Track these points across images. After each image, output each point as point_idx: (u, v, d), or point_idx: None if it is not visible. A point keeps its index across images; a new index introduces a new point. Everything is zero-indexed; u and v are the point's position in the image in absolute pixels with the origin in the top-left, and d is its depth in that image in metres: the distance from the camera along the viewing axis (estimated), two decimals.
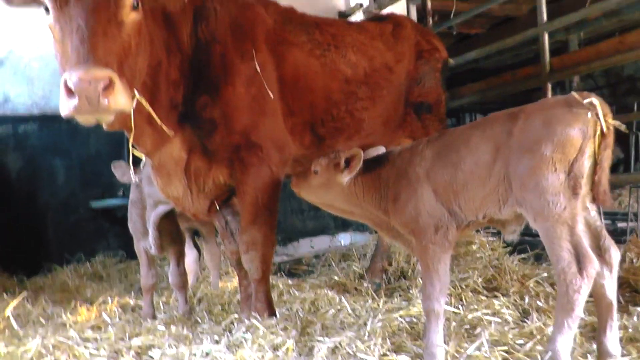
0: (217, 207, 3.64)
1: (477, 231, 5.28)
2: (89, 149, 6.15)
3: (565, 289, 2.34)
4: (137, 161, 3.55)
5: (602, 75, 12.14)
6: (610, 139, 2.39)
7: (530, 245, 4.66)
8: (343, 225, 7.24)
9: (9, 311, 3.72)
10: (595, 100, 2.38)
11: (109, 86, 2.33)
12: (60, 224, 5.97)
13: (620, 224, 5.65)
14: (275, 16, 3.74)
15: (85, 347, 3.23)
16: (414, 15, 6.72)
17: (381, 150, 3.31)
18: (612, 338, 2.51)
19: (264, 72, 3.45)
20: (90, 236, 6.11)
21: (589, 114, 2.35)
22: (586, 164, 2.36)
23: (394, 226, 3.02)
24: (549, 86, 4.73)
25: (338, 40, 3.97)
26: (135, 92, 2.66)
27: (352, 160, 3.00)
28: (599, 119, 2.35)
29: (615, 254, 2.51)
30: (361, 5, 7.08)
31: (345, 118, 3.94)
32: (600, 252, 2.50)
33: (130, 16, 2.65)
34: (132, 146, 3.13)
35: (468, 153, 2.66)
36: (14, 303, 3.85)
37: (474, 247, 4.86)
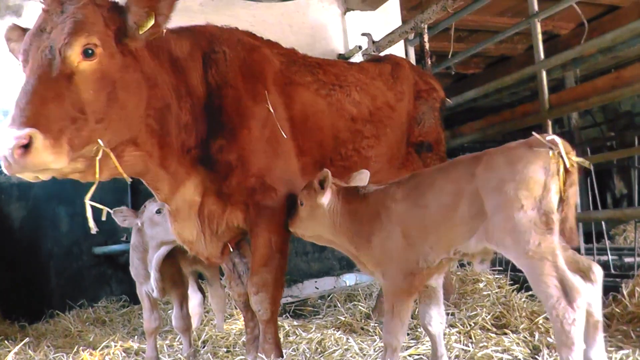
0: (231, 250, 3.62)
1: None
2: (93, 197, 6.10)
3: (560, 325, 2.33)
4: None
5: (600, 111, 12.29)
6: (575, 177, 2.44)
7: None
8: (348, 266, 7.19)
9: (9, 358, 3.68)
10: (557, 138, 2.46)
11: (28, 145, 2.35)
12: (63, 271, 5.92)
13: (627, 259, 5.61)
14: (280, 57, 3.80)
15: None
16: (412, 57, 6.86)
17: (364, 174, 3.39)
18: (599, 354, 2.52)
19: (276, 113, 3.47)
20: (93, 282, 6.05)
21: (550, 153, 2.40)
22: (554, 200, 2.40)
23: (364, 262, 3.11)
24: (549, 123, 4.77)
25: (341, 80, 4.03)
26: (100, 141, 2.62)
27: (324, 180, 3.10)
28: (561, 157, 2.40)
29: (597, 269, 2.55)
30: (360, 47, 7.22)
31: (353, 156, 3.96)
32: (585, 274, 2.52)
33: (83, 66, 2.62)
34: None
35: (433, 195, 2.76)
36: (15, 349, 3.81)
37: (481, 285, 4.82)
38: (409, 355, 3.35)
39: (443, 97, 4.88)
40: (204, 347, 4.26)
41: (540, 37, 4.82)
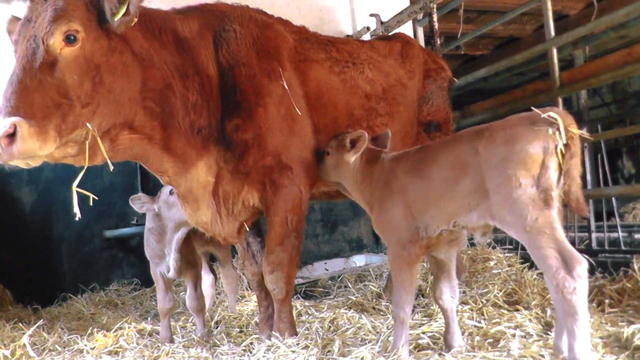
0: (247, 229, 3.62)
1: (494, 247, 5.26)
2: (103, 180, 6.18)
3: (561, 295, 2.37)
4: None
5: (609, 91, 12.21)
6: (576, 149, 2.46)
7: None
8: (357, 247, 7.22)
9: (25, 339, 3.71)
10: (553, 113, 2.47)
11: (14, 134, 2.41)
12: (75, 255, 5.96)
13: (637, 235, 5.61)
14: (293, 35, 3.76)
15: None
16: (421, 37, 6.81)
17: (388, 136, 3.47)
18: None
19: (291, 90, 3.44)
20: (105, 265, 6.10)
21: (550, 130, 2.43)
22: (553, 177, 2.43)
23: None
24: (560, 100, 4.74)
25: (354, 57, 4.00)
26: (89, 125, 2.64)
27: (357, 141, 3.23)
28: (559, 131, 2.43)
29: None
30: (368, 28, 7.18)
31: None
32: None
33: (65, 52, 2.63)
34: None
35: (437, 168, 2.82)
36: (30, 330, 3.84)
37: (491, 263, 4.82)
38: (422, 333, 3.35)
39: (451, 76, 4.85)
40: (216, 327, 4.29)
41: (551, 14, 4.76)
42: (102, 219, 6.13)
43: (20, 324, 4.37)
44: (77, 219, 2.72)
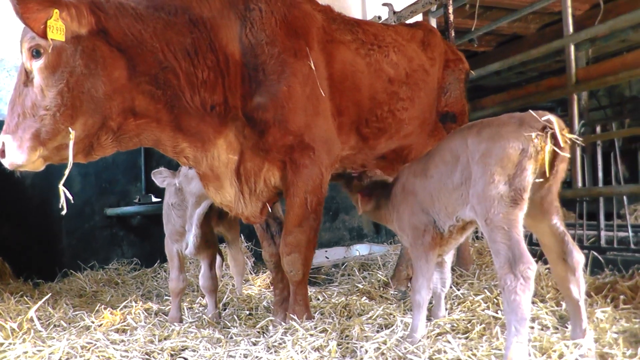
0: (269, 209, 3.60)
1: None
2: (106, 157, 6.06)
3: (503, 290, 2.45)
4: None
5: (606, 95, 12.29)
6: (565, 154, 2.52)
7: None
8: (358, 236, 7.21)
9: (32, 312, 3.64)
10: (551, 117, 2.51)
11: (3, 150, 2.76)
12: (75, 232, 5.87)
13: None
14: (320, 14, 3.72)
15: (115, 349, 3.17)
16: None
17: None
18: (583, 332, 2.70)
19: (317, 71, 3.42)
20: (105, 244, 6.02)
21: (533, 134, 2.47)
22: (529, 179, 2.48)
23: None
24: (575, 97, 4.75)
25: (380, 40, 3.97)
26: (70, 129, 2.78)
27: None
28: (552, 135, 2.48)
29: (578, 257, 2.69)
30: (379, 17, 7.14)
31: (388, 118, 3.93)
32: (565, 257, 2.69)
33: (35, 67, 2.77)
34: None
35: (435, 165, 2.99)
36: (38, 305, 3.77)
37: None
38: (441, 321, 3.36)
39: (468, 69, 4.85)
40: (224, 309, 4.26)
41: (570, 10, 4.77)
42: (104, 197, 6.05)
43: (24, 297, 4.30)
44: (62, 213, 2.86)
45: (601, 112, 11.66)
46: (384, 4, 6.90)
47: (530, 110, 2.58)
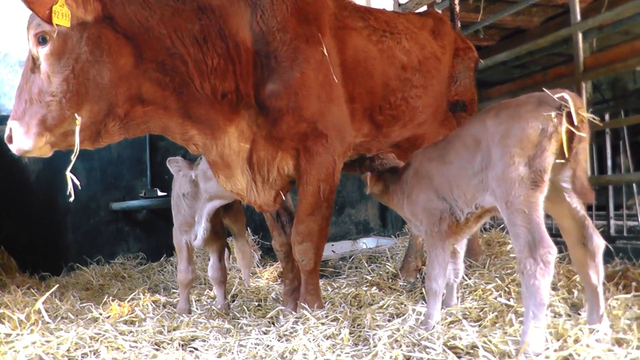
0: (283, 197, 3.58)
1: (507, 232, 5.24)
2: (111, 152, 6.07)
3: (522, 274, 2.41)
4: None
5: (609, 88, 12.24)
6: (584, 133, 2.46)
7: (564, 246, 4.62)
8: (364, 230, 7.18)
9: (39, 304, 3.62)
10: (566, 95, 2.45)
11: (10, 136, 2.82)
12: (80, 227, 5.85)
13: None
14: (332, 1, 3.69)
15: (124, 339, 3.15)
16: None
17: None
18: (599, 319, 2.63)
19: (329, 57, 3.38)
20: (110, 238, 6.00)
21: (554, 113, 2.42)
22: (549, 160, 2.44)
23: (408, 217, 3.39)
24: (584, 85, 4.72)
25: (392, 27, 3.94)
26: (76, 116, 2.79)
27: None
28: (569, 115, 2.41)
29: (598, 241, 2.62)
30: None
31: (401, 106, 3.90)
32: (585, 241, 2.62)
33: (41, 53, 2.79)
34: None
35: (455, 151, 2.92)
36: (45, 296, 3.74)
37: (508, 247, 4.80)
38: (453, 310, 3.33)
39: (477, 57, 4.82)
40: (233, 301, 4.23)
41: None
42: (109, 191, 6.03)
43: (31, 289, 4.28)
44: (70, 200, 2.90)
45: (604, 105, 11.62)
46: None
47: (545, 89, 2.53)
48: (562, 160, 2.50)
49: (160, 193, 5.99)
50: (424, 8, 6.77)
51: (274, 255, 5.52)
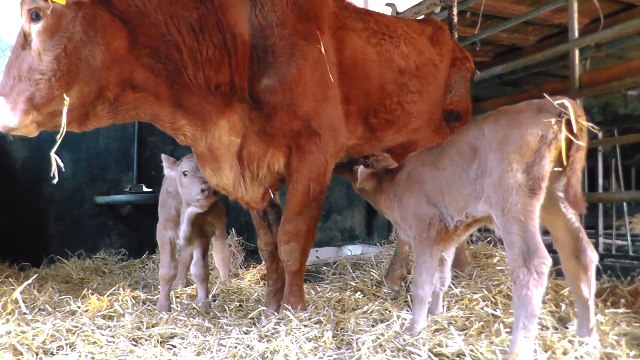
0: (272, 195, 3.52)
1: (494, 245, 5.23)
2: (98, 144, 5.98)
3: (514, 284, 2.38)
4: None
5: (599, 112, 12.33)
6: (582, 142, 2.44)
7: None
8: (350, 237, 7.13)
9: (17, 293, 3.52)
10: (567, 102, 2.43)
11: None
12: (63, 218, 5.75)
13: None
14: (333, 0, 3.67)
15: (101, 334, 3.07)
16: None
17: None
18: (589, 332, 2.63)
19: (327, 56, 3.35)
20: (93, 232, 5.90)
21: (554, 120, 2.39)
22: (547, 167, 2.41)
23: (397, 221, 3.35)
24: (578, 102, 4.71)
25: (391, 31, 3.92)
26: (65, 96, 2.72)
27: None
28: (567, 122, 2.39)
29: (592, 255, 2.61)
30: None
31: (397, 110, 3.87)
32: (578, 254, 2.61)
33: (33, 30, 2.73)
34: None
35: (449, 158, 2.88)
36: (22, 286, 3.65)
37: (495, 260, 4.77)
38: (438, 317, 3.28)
39: (474, 68, 4.81)
40: (214, 300, 4.15)
41: (576, 15, 4.73)
42: (94, 184, 5.94)
43: (9, 279, 4.17)
44: (54, 182, 2.81)
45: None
46: (387, 4, 6.86)
47: (546, 95, 2.51)
48: (560, 168, 2.46)
49: (146, 189, 5.89)
50: (421, 17, 6.78)
51: (257, 258, 5.46)
